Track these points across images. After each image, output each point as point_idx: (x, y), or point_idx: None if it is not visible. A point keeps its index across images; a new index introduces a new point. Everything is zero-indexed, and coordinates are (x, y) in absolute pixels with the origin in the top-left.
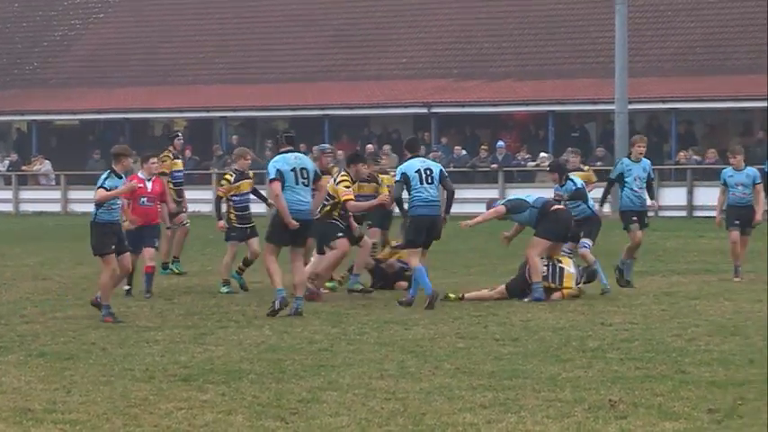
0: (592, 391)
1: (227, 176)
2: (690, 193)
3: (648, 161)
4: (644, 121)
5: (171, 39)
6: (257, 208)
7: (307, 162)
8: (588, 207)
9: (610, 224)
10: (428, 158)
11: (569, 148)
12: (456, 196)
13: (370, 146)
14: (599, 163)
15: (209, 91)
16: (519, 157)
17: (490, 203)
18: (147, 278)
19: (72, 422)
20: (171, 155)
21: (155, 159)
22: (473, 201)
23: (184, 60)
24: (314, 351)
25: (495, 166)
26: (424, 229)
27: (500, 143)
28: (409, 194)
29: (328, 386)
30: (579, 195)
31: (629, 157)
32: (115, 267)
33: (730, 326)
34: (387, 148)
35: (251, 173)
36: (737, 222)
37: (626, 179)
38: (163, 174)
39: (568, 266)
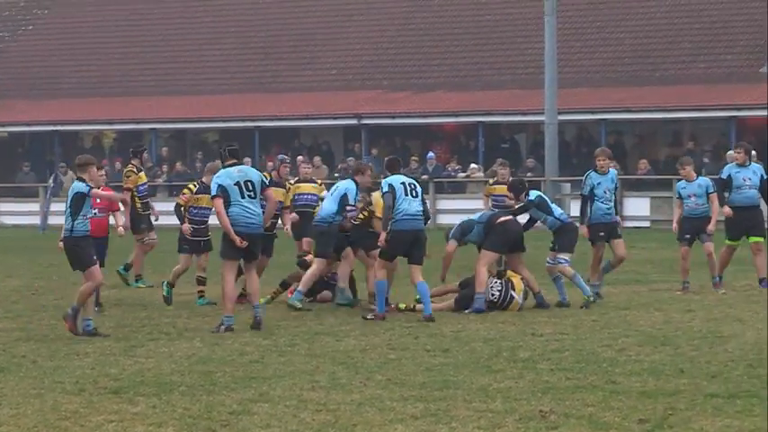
0: (523, 401)
1: (191, 186)
2: (620, 203)
3: (615, 171)
4: (574, 131)
5: (101, 50)
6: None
7: (252, 174)
8: (556, 218)
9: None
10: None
11: (499, 160)
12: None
13: (300, 157)
14: (529, 174)
15: (139, 103)
16: (449, 168)
17: (447, 233)
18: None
19: None
20: (135, 169)
21: (102, 171)
22: None
23: (114, 72)
24: (245, 363)
25: (425, 177)
26: (406, 244)
27: (430, 154)
28: (393, 208)
29: (259, 398)
30: (541, 207)
31: (596, 171)
32: (98, 279)
33: (660, 336)
34: (317, 159)
35: None
36: (687, 237)
37: (596, 192)
38: (128, 189)
39: (518, 294)
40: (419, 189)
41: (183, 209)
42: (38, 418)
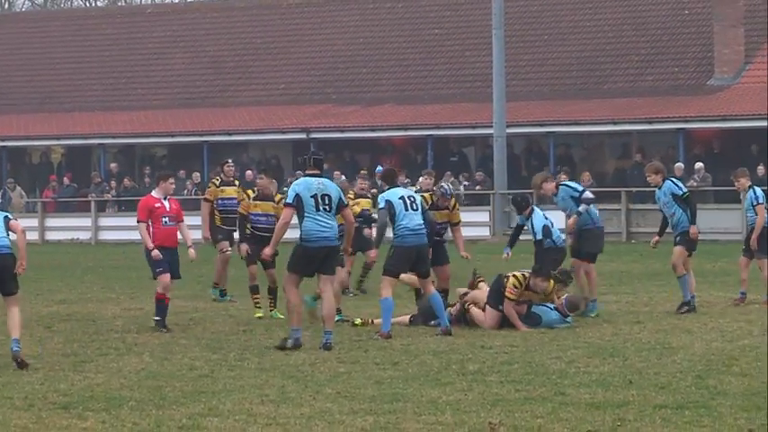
0: (472, 413)
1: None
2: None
3: (670, 183)
4: (522, 144)
5: (48, 65)
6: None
7: (331, 189)
8: (552, 240)
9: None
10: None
11: (424, 171)
12: None
13: (249, 172)
14: (478, 187)
15: (87, 118)
16: (399, 182)
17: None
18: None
19: None
20: (216, 182)
21: (172, 180)
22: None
23: (62, 87)
24: (194, 377)
25: (374, 191)
26: (410, 260)
27: (379, 168)
28: (393, 224)
29: (209, 412)
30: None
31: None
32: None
33: (609, 348)
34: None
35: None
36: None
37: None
38: (206, 200)
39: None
40: (419, 201)
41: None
42: None
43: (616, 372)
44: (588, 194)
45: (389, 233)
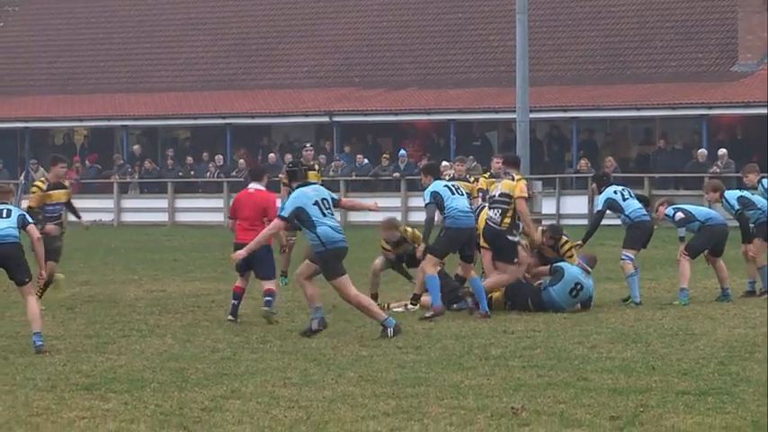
0: (495, 398)
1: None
2: (591, 201)
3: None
4: (545, 129)
5: (72, 47)
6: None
7: (323, 191)
8: (626, 216)
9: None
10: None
11: (456, 158)
12: None
13: (272, 155)
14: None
15: (110, 100)
16: (421, 166)
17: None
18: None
19: None
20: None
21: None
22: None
23: (85, 69)
24: (217, 360)
25: (397, 174)
26: (460, 242)
27: (402, 152)
28: (443, 209)
29: (231, 395)
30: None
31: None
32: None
33: (632, 333)
34: (288, 157)
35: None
36: None
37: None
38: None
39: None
40: (462, 189)
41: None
42: (9, 415)
43: (639, 358)
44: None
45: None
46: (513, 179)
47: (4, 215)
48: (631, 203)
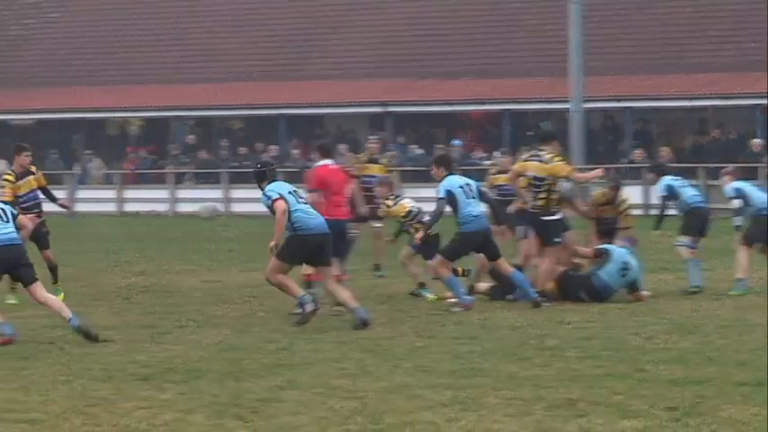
0: (551, 389)
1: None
2: (646, 191)
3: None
4: (600, 119)
5: (126, 39)
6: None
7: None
8: (684, 201)
9: None
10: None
11: (502, 150)
12: (413, 195)
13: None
14: None
15: (165, 90)
16: (474, 156)
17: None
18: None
19: (31, 421)
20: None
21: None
22: (429, 199)
23: (139, 60)
24: (273, 350)
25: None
26: (475, 245)
27: (456, 142)
28: (457, 212)
29: (287, 385)
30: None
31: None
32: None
33: (688, 324)
34: (343, 147)
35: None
36: None
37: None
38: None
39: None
40: (475, 188)
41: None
42: (66, 405)
43: (695, 348)
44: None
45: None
46: (543, 161)
47: (5, 219)
48: (688, 190)
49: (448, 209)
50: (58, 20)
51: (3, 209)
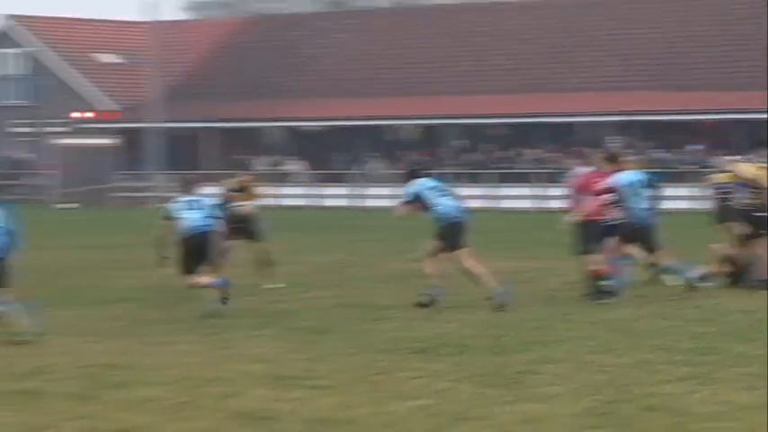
0: None
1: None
2: None
3: None
4: None
5: (408, 55)
6: None
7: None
8: None
9: None
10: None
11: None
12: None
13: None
14: None
15: (439, 101)
16: (709, 161)
17: None
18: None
19: (322, 387)
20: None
21: None
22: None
23: (419, 75)
24: (530, 328)
25: (692, 166)
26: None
27: (694, 146)
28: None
29: (544, 359)
30: None
31: None
32: None
33: None
34: (592, 152)
35: None
36: None
37: None
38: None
39: None
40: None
41: None
42: (353, 374)
43: None
44: None
45: None
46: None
47: (197, 206)
48: None
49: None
50: (346, 38)
51: (196, 199)
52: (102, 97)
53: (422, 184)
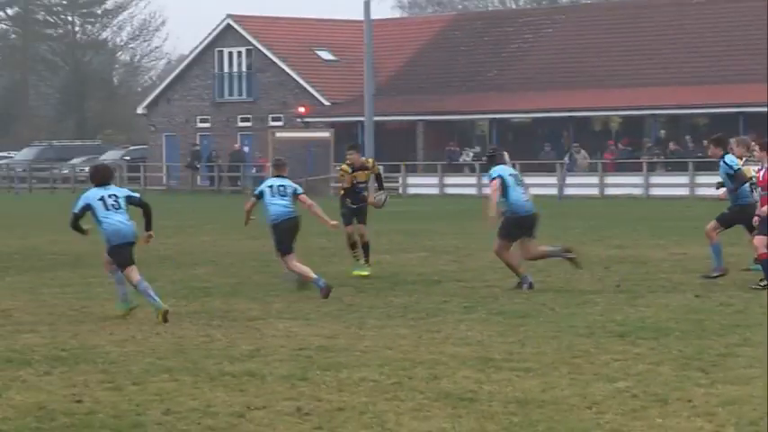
0: None
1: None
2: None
3: None
4: None
5: (607, 48)
6: None
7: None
8: None
9: None
10: None
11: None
12: None
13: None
14: None
15: (641, 92)
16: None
17: None
18: None
19: (525, 369)
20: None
21: None
22: None
23: (619, 67)
24: (730, 312)
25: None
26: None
27: None
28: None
29: (743, 343)
30: None
31: None
32: None
33: None
34: None
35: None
36: None
37: None
38: None
39: None
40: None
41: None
42: (555, 356)
43: None
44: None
45: None
46: None
47: (282, 193)
48: None
49: None
50: (551, 35)
51: (283, 185)
52: (316, 93)
53: (504, 170)
